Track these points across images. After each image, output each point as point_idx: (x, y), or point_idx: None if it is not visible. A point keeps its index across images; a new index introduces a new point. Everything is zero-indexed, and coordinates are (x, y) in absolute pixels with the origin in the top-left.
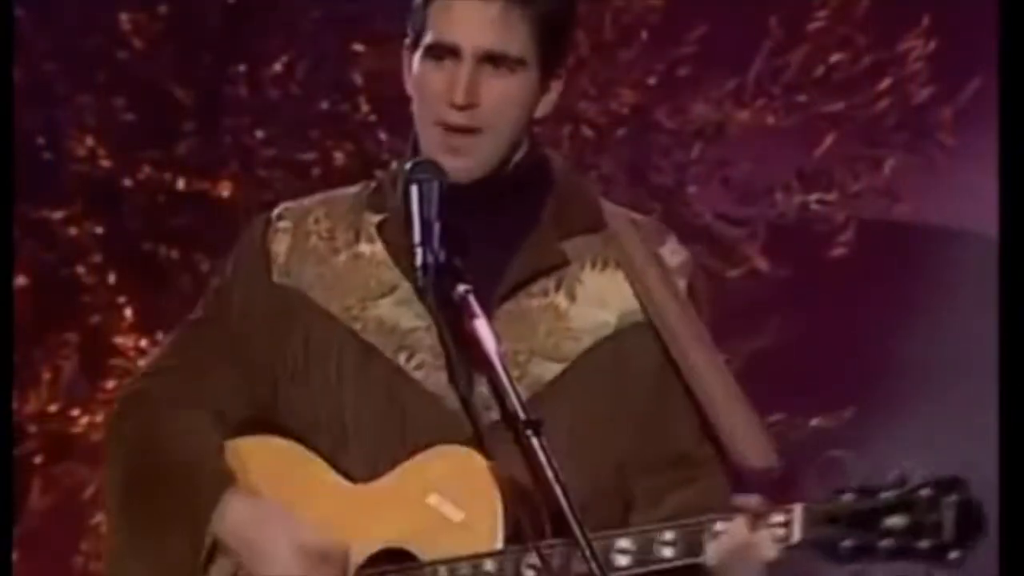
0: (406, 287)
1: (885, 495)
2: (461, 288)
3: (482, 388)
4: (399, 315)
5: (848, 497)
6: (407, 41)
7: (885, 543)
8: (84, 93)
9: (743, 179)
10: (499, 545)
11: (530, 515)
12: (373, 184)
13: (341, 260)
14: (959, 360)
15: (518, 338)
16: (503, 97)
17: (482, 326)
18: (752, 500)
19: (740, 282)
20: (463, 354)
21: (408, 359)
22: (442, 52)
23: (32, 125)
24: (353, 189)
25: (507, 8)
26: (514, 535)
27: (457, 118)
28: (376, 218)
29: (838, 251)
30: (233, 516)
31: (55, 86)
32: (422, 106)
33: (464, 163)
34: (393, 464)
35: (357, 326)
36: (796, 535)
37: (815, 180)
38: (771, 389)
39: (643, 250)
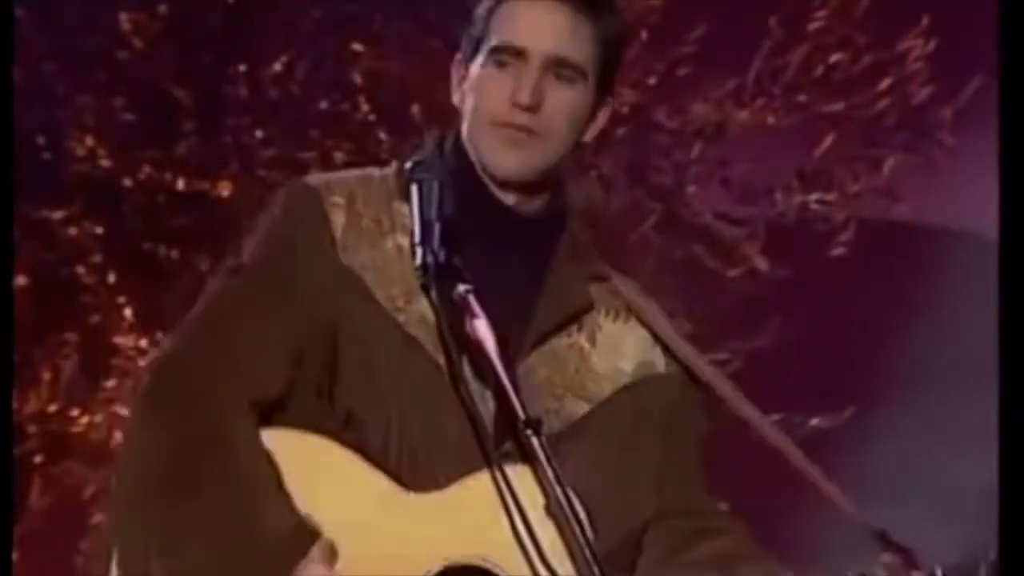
0: None
1: None
2: (461, 288)
3: (482, 388)
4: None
5: None
6: (459, 56)
7: None
8: (84, 93)
9: (743, 179)
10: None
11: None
12: (396, 169)
13: (388, 247)
14: (959, 359)
15: (554, 371)
16: (562, 106)
17: (482, 326)
18: (893, 561)
19: (740, 282)
20: (464, 353)
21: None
22: (508, 55)
23: (32, 125)
24: (381, 173)
25: (575, 19)
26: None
27: (520, 118)
28: (407, 209)
29: (838, 251)
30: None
31: (55, 86)
32: (480, 108)
33: (520, 157)
34: (429, 462)
35: (401, 318)
36: None
37: (815, 180)
38: (771, 389)
39: (646, 302)
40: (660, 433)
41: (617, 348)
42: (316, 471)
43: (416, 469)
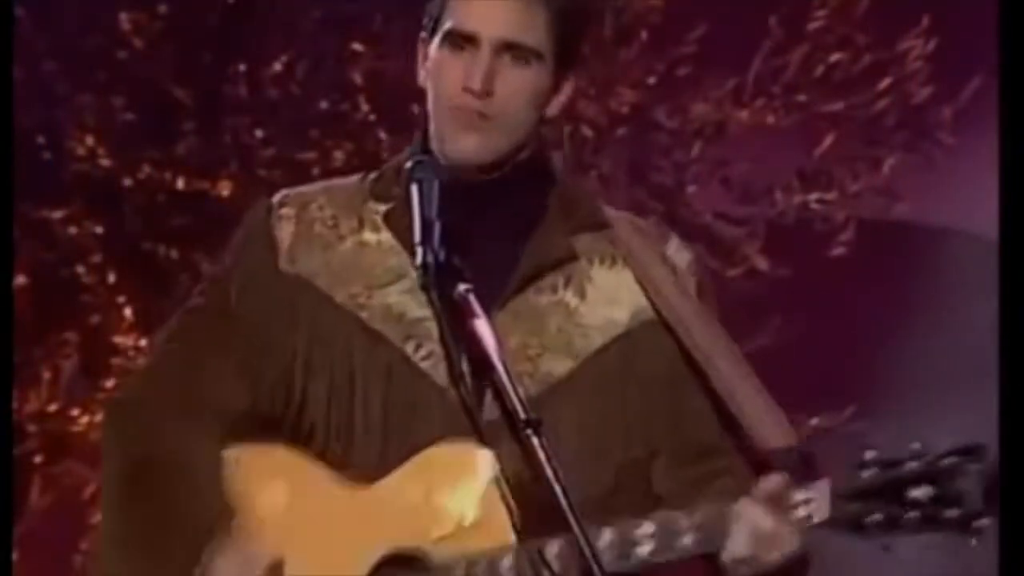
0: (414, 276)
1: (908, 466)
2: (462, 287)
3: (483, 387)
4: (407, 303)
5: (871, 471)
6: (423, 33)
7: (911, 515)
8: (84, 92)
9: (743, 179)
10: (512, 542)
11: (536, 511)
12: (374, 174)
13: (346, 248)
14: (959, 359)
15: (528, 333)
16: (517, 88)
17: (482, 326)
18: (774, 480)
19: (740, 282)
20: (464, 353)
21: (416, 349)
22: (461, 40)
23: (32, 124)
24: (352, 179)
25: (527, 1)
26: (524, 532)
27: (473, 103)
28: (382, 207)
29: (838, 250)
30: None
31: (55, 85)
32: (438, 93)
33: (476, 141)
34: (401, 456)
35: (364, 314)
36: (821, 512)
37: (815, 180)
38: (771, 388)
39: (648, 249)
40: (661, 379)
41: (611, 297)
42: (271, 473)
43: (382, 462)
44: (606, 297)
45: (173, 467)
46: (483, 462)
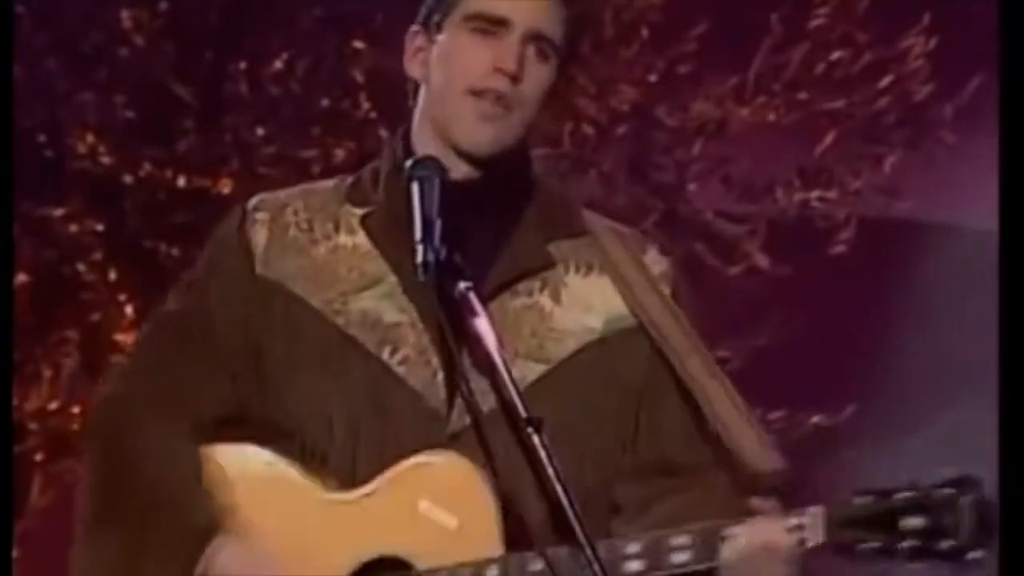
0: (391, 281)
1: (902, 495)
2: (462, 285)
3: (481, 386)
4: (382, 308)
5: (865, 499)
6: (415, 26)
7: (904, 544)
8: (85, 90)
9: (744, 176)
10: (498, 551)
11: (524, 519)
12: (351, 178)
13: (321, 252)
14: (959, 357)
15: (503, 335)
16: (537, 81)
17: (483, 324)
18: (768, 503)
19: (740, 279)
20: (463, 352)
21: (392, 354)
22: (490, 24)
23: (33, 122)
24: (329, 183)
25: None
26: (511, 540)
27: (501, 84)
28: (359, 211)
29: (839, 248)
30: (224, 562)
31: (56, 83)
32: (452, 78)
33: (495, 131)
34: (376, 461)
35: (340, 320)
36: (815, 538)
37: (816, 177)
38: (772, 386)
39: (626, 256)
40: (633, 388)
41: (585, 304)
42: (250, 480)
43: (357, 467)
44: (581, 303)
45: (153, 466)
46: (468, 470)
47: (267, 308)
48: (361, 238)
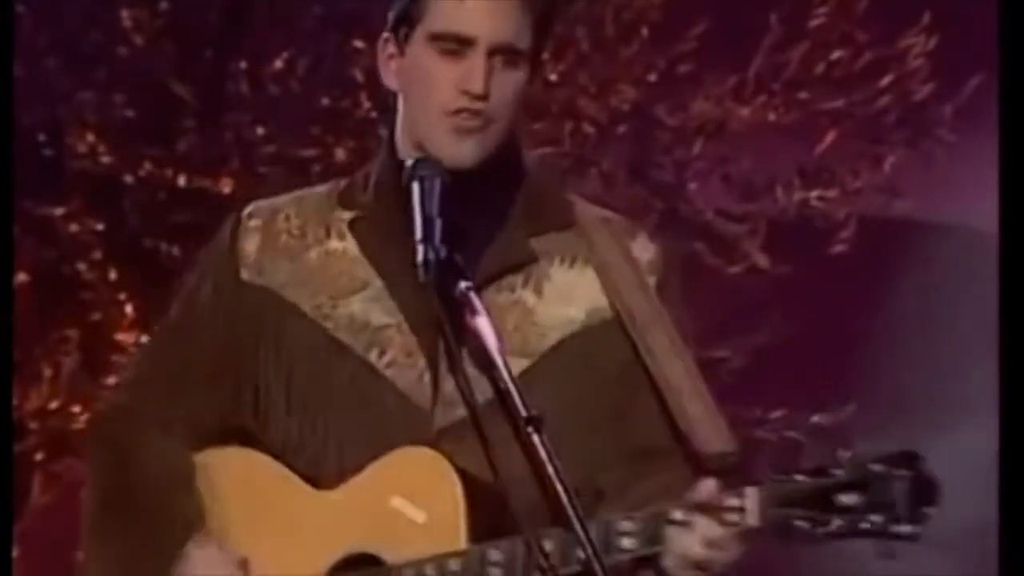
0: (378, 284)
1: (837, 473)
2: (463, 285)
3: (481, 386)
4: (370, 312)
5: (801, 478)
6: (385, 33)
7: (839, 521)
8: (85, 89)
9: (744, 176)
10: (463, 545)
11: (494, 513)
12: (343, 183)
13: (312, 257)
14: (959, 356)
15: None
16: (508, 90)
17: (484, 323)
18: (708, 485)
19: (741, 278)
20: (463, 351)
21: (379, 356)
22: (453, 42)
23: (33, 121)
24: (322, 188)
25: (519, 2)
26: (477, 534)
27: (471, 105)
28: (347, 215)
29: (838, 247)
30: (195, 562)
31: (56, 82)
32: (426, 99)
33: (470, 147)
34: (364, 460)
35: (329, 324)
36: (752, 518)
37: (816, 177)
38: (772, 385)
39: (613, 246)
40: (613, 377)
41: (569, 295)
42: (248, 485)
43: (345, 467)
44: (563, 295)
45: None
46: (440, 466)
47: (256, 314)
48: (350, 242)
